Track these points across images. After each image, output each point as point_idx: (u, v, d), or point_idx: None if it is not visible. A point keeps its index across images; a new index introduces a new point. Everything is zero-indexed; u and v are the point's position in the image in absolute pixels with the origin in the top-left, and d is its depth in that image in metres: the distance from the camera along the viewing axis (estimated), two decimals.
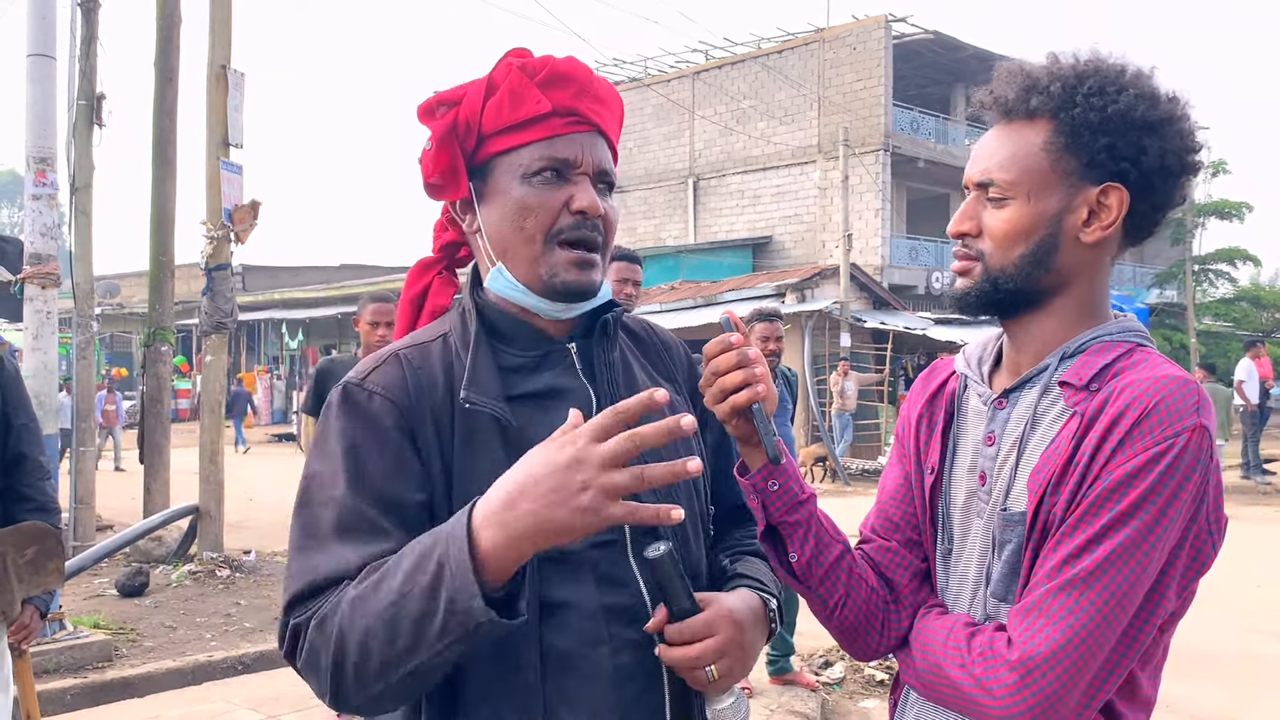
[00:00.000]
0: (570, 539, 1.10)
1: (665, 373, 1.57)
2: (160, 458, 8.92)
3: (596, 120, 1.41)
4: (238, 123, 8.43)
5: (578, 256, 1.37)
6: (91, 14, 9.27)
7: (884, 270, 26.09)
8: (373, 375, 1.36)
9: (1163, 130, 1.32)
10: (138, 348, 23.38)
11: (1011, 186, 1.34)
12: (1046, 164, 1.33)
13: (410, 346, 1.41)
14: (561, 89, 1.38)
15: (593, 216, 1.37)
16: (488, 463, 1.29)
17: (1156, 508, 1.19)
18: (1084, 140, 1.32)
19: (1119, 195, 1.32)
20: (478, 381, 1.34)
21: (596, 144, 1.40)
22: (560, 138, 1.37)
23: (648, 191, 31.15)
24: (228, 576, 7.94)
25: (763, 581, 1.46)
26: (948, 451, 1.46)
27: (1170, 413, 1.20)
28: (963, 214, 1.40)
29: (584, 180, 1.38)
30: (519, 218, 1.37)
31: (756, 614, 1.39)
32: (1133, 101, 1.31)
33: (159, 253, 8.83)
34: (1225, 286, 32.96)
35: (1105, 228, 1.33)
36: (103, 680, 5.57)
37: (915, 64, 28.85)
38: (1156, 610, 1.23)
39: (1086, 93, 1.32)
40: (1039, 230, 1.33)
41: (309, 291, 29.58)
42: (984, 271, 1.37)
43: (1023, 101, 1.35)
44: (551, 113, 1.37)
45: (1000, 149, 1.36)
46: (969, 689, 1.26)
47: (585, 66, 1.43)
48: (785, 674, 5.42)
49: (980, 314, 1.40)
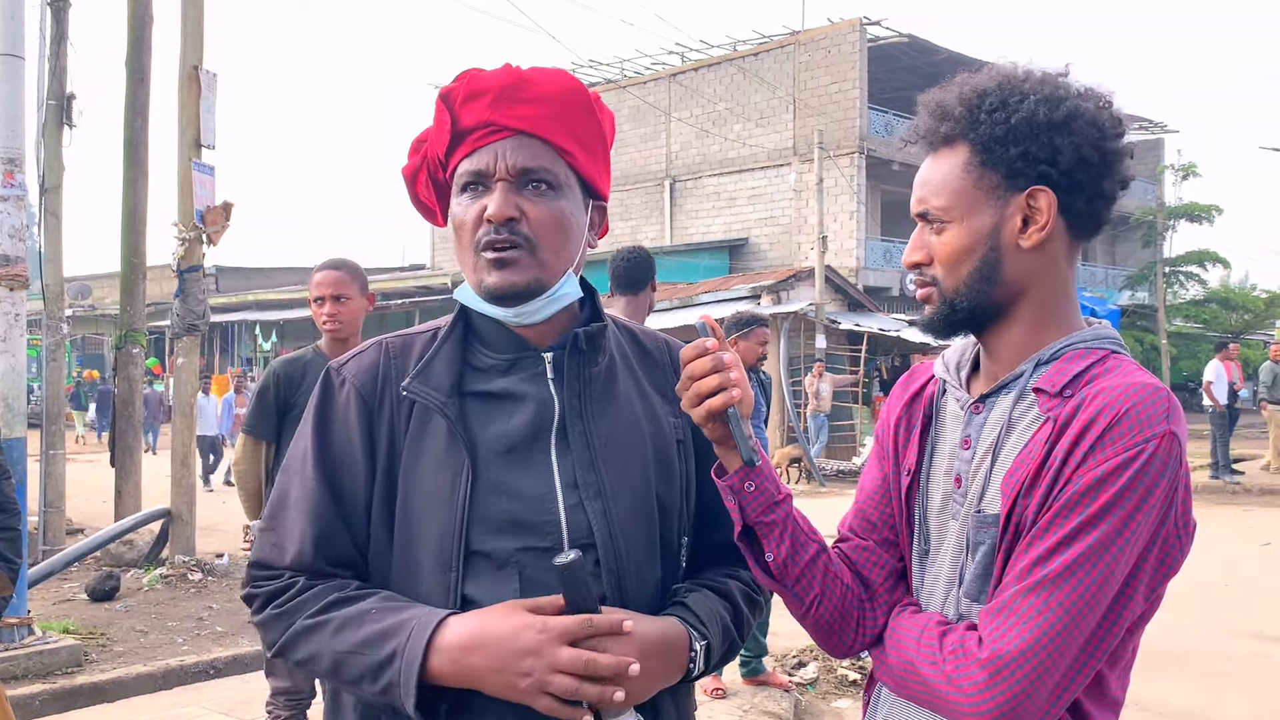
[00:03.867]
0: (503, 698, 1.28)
1: (666, 392, 1.54)
2: (131, 460, 8.85)
3: (521, 124, 1.43)
4: (210, 123, 8.36)
5: (491, 257, 1.41)
6: (61, 13, 9.18)
7: (859, 272, 26.23)
8: (350, 363, 1.49)
9: (1070, 126, 1.35)
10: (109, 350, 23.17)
11: (945, 211, 1.39)
12: (970, 184, 1.38)
13: (398, 336, 1.52)
14: (477, 103, 1.44)
15: (496, 222, 1.40)
16: (430, 453, 1.40)
17: (1125, 511, 1.22)
18: (997, 154, 1.36)
19: (1046, 196, 1.35)
20: (426, 374, 1.43)
21: (520, 146, 1.42)
22: (476, 151, 1.43)
23: (624, 193, 31.16)
24: (200, 580, 7.88)
25: (700, 619, 1.43)
26: (925, 454, 1.49)
27: (1141, 419, 1.23)
28: (913, 245, 1.45)
29: (500, 186, 1.42)
30: (458, 234, 1.46)
31: (670, 645, 1.38)
32: (1033, 107, 1.35)
33: (130, 254, 8.75)
34: (1195, 288, 33.39)
35: (1041, 229, 1.36)
36: (72, 685, 5.51)
37: (890, 67, 29.00)
38: (1125, 612, 1.26)
39: (988, 109, 1.37)
40: (979, 247, 1.38)
41: (283, 293, 29.40)
42: (940, 296, 1.41)
43: (937, 131, 1.41)
44: (467, 131, 1.43)
45: (931, 178, 1.42)
46: (940, 686, 1.28)
47: (514, 72, 1.46)
48: (758, 675, 5.43)
49: (950, 335, 1.45)
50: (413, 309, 23.32)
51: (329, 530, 1.41)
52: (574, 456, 1.41)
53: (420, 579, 1.37)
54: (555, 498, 1.39)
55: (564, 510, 1.39)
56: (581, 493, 1.40)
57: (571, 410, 1.43)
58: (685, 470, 1.52)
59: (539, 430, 1.42)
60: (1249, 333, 32.84)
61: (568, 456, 1.41)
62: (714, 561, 1.54)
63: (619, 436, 1.45)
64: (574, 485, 1.40)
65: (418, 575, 1.38)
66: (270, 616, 1.39)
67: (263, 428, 3.94)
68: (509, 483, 1.38)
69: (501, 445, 1.40)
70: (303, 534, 1.40)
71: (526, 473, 1.39)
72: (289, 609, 1.38)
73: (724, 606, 1.49)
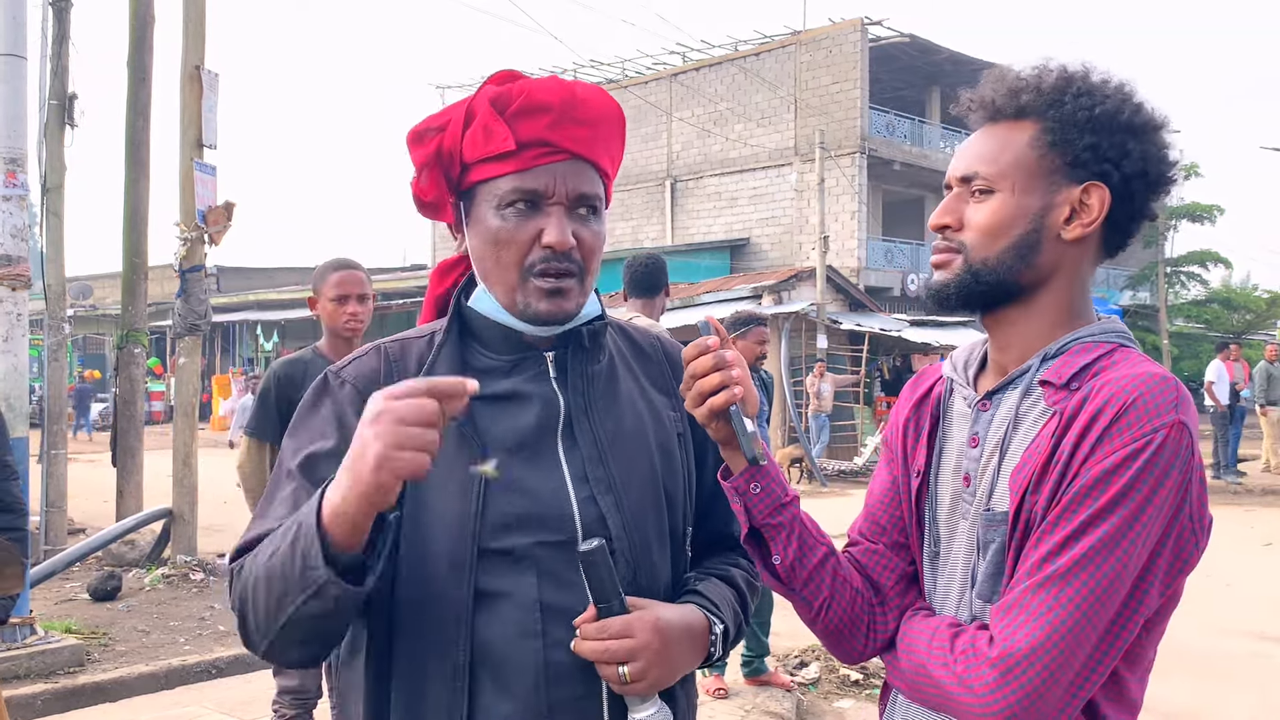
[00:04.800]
0: (383, 494, 1.16)
1: (663, 387, 1.56)
2: (133, 460, 8.84)
3: (575, 147, 1.41)
4: (212, 123, 8.36)
5: (548, 286, 1.39)
6: (63, 13, 9.18)
7: (860, 272, 26.22)
8: (350, 366, 1.47)
9: (1145, 135, 1.34)
10: (111, 350, 23.15)
11: (996, 179, 1.36)
12: (1032, 159, 1.35)
13: (395, 340, 1.50)
14: (536, 119, 1.39)
15: (560, 250, 1.38)
16: (441, 457, 1.32)
17: (1136, 503, 1.19)
18: (1070, 138, 1.34)
19: (1101, 194, 1.34)
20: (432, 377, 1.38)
21: (575, 171, 1.41)
22: (531, 170, 1.39)
23: (625, 193, 31.15)
24: (201, 580, 7.88)
25: (715, 604, 1.46)
26: (934, 455, 1.47)
27: (1149, 409, 1.21)
28: (944, 208, 1.41)
29: (556, 210, 1.39)
30: (494, 249, 1.41)
31: (692, 630, 1.40)
32: (1119, 104, 1.34)
33: (132, 254, 8.74)
34: (1197, 288, 33.34)
35: (1087, 225, 1.35)
36: (74, 685, 5.51)
37: (891, 67, 28.99)
38: (1140, 607, 1.23)
39: (1075, 93, 1.35)
40: (1022, 224, 1.35)
41: (284, 293, 29.36)
42: (965, 264, 1.37)
43: (1011, 101, 1.38)
44: (521, 147, 1.38)
45: (986, 146, 1.39)
46: (952, 688, 1.26)
47: (567, 89, 1.43)
48: (760, 675, 5.43)
49: (959, 307, 1.40)
50: (414, 309, 23.28)
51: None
52: (583, 453, 1.42)
53: (433, 574, 1.36)
54: (567, 493, 1.39)
55: (577, 504, 1.39)
56: (593, 487, 1.40)
57: (577, 408, 1.44)
58: (686, 462, 1.53)
59: (545, 429, 1.42)
60: (1250, 333, 32.80)
61: (576, 453, 1.42)
62: (711, 550, 1.57)
63: (625, 432, 1.46)
64: (584, 480, 1.41)
65: (430, 571, 1.37)
66: (235, 582, 1.33)
67: (265, 429, 3.94)
68: (520, 480, 1.37)
69: (510, 444, 1.39)
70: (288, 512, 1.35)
71: (537, 470, 1.39)
72: (246, 564, 1.32)
73: (731, 592, 1.51)
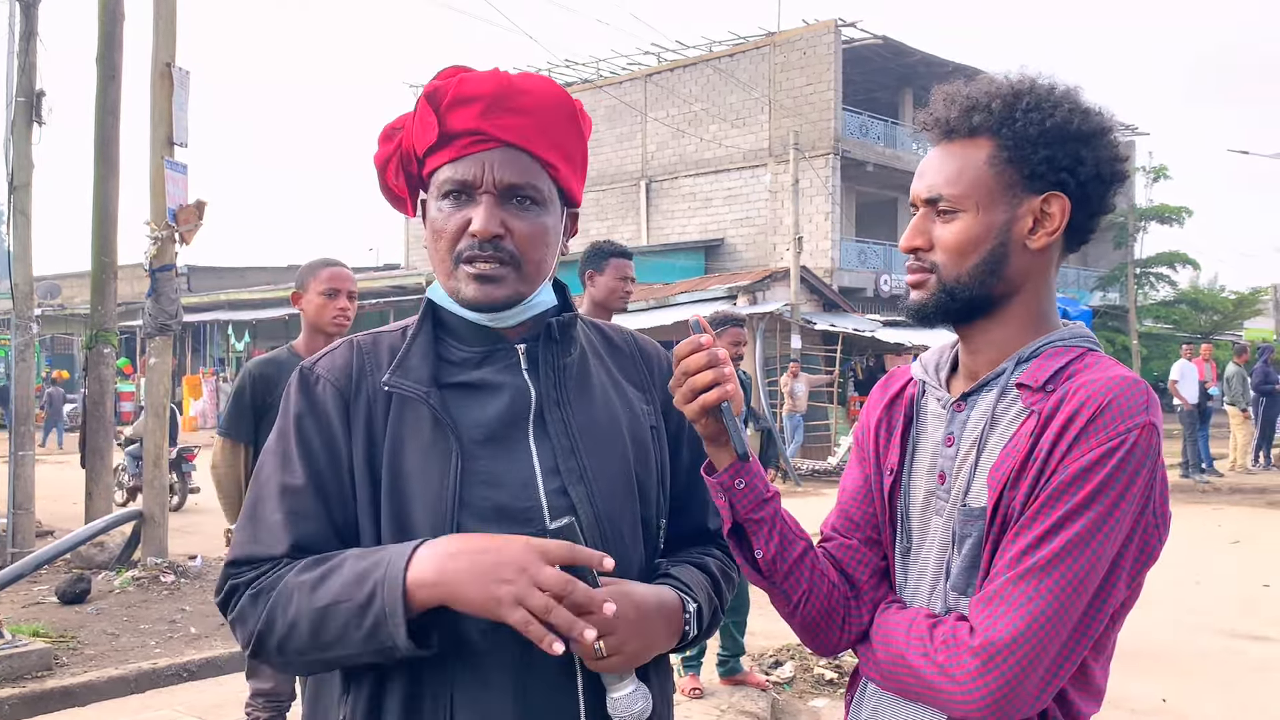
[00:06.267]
0: (472, 612, 1.27)
1: (637, 381, 1.59)
2: (102, 461, 8.75)
3: (507, 135, 1.42)
4: (182, 121, 8.29)
5: (475, 271, 1.42)
6: (31, 9, 9.07)
7: (834, 273, 26.33)
8: (323, 361, 1.49)
9: (1095, 141, 1.39)
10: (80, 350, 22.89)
11: (960, 200, 1.40)
12: (991, 177, 1.39)
13: (367, 335, 1.53)
14: (468, 109, 1.42)
15: (482, 238, 1.40)
16: (416, 444, 1.40)
17: (1110, 499, 1.25)
18: (1025, 153, 1.38)
19: (1061, 203, 1.38)
20: (405, 367, 1.43)
21: (507, 160, 1.42)
22: (462, 159, 1.42)
23: (600, 193, 31.16)
24: (172, 582, 7.80)
25: (688, 585, 1.48)
26: (907, 453, 1.51)
27: (1123, 410, 1.27)
28: (913, 230, 1.45)
29: (486, 199, 1.41)
30: (434, 239, 1.46)
31: (666, 609, 1.41)
32: (1068, 115, 1.38)
33: (101, 253, 8.65)
34: (1166, 289, 33.70)
35: (1051, 233, 1.39)
36: (42, 689, 5.44)
37: (864, 69, 29.14)
38: (1109, 599, 1.29)
39: (1025, 108, 1.39)
40: (989, 240, 1.39)
41: (255, 292, 29.15)
42: (939, 282, 1.42)
43: (964, 120, 1.42)
44: (453, 135, 1.42)
45: (946, 166, 1.42)
46: (932, 676, 1.30)
47: (502, 80, 1.44)
48: (735, 674, 5.43)
49: (938, 324, 1.45)
50: (387, 309, 23.18)
51: (311, 521, 1.39)
52: (554, 443, 1.43)
53: None
54: (536, 484, 1.41)
55: (544, 495, 1.41)
56: (564, 478, 1.42)
57: (549, 399, 1.45)
58: (660, 455, 1.55)
59: (515, 419, 1.44)
60: (1218, 333, 33.21)
61: (546, 444, 1.43)
62: (688, 544, 1.60)
63: (597, 423, 1.48)
64: (555, 471, 1.42)
65: None
66: (247, 600, 1.35)
67: (240, 429, 3.90)
68: (491, 471, 1.40)
69: (480, 434, 1.41)
70: (284, 526, 1.38)
71: (506, 460, 1.41)
72: (266, 586, 1.35)
73: (704, 577, 1.53)
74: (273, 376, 3.81)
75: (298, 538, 1.38)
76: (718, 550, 1.59)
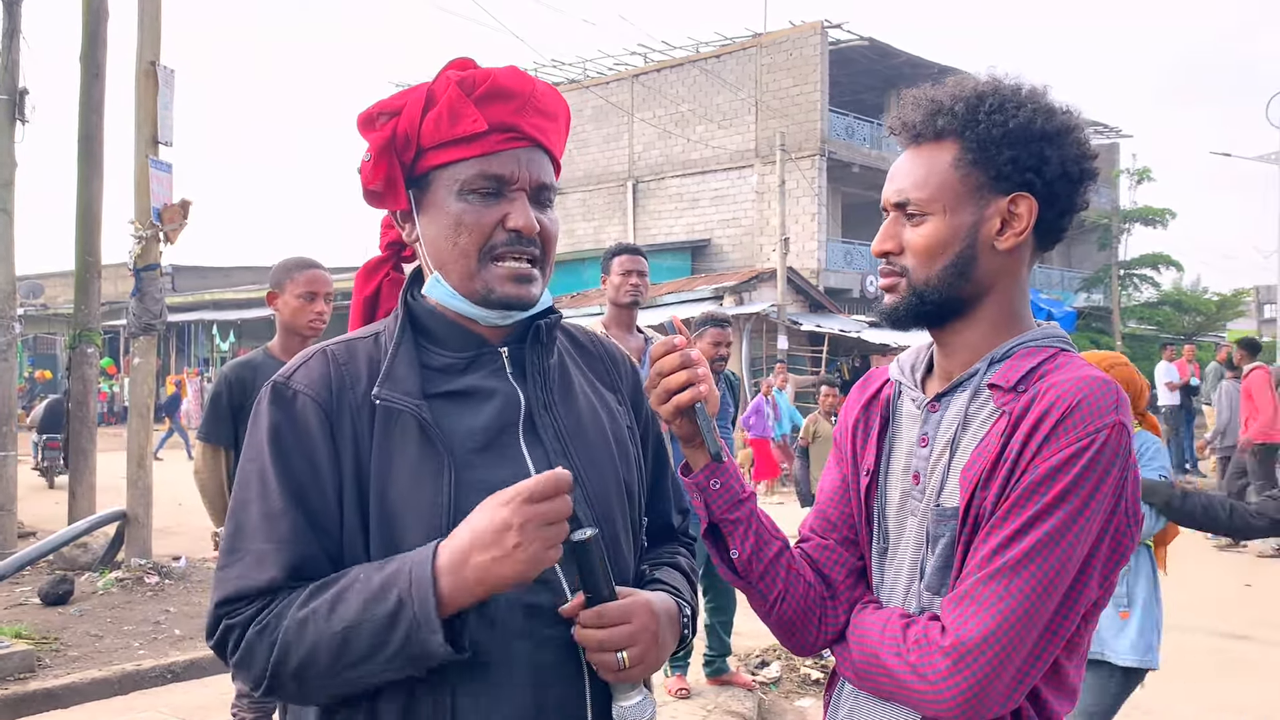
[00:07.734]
0: (516, 586, 1.25)
1: (608, 382, 1.59)
2: (86, 462, 8.71)
3: (537, 135, 1.42)
4: (167, 120, 8.25)
5: (514, 270, 1.40)
6: (14, 7, 9.00)
7: (820, 274, 26.37)
8: (298, 373, 1.40)
9: (1061, 140, 1.40)
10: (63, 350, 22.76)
11: (927, 204, 1.41)
12: (957, 180, 1.40)
13: (339, 343, 1.46)
14: (501, 104, 1.39)
15: (527, 235, 1.39)
16: (404, 458, 1.34)
17: (1080, 499, 1.26)
18: (989, 155, 1.39)
19: (1028, 203, 1.39)
20: (393, 379, 1.38)
21: (535, 159, 1.42)
22: (497, 154, 1.39)
23: (587, 194, 31.13)
24: (156, 583, 7.76)
25: (678, 589, 1.50)
26: (883, 454, 1.52)
27: (1092, 410, 1.28)
28: (884, 234, 1.46)
29: (520, 197, 1.40)
30: (454, 233, 1.39)
31: (670, 614, 1.42)
32: (1031, 115, 1.39)
33: (85, 252, 8.61)
34: (1149, 291, 33.85)
35: (1018, 234, 1.40)
36: (25, 691, 5.41)
37: (850, 70, 29.19)
38: (1080, 598, 1.30)
39: (988, 110, 1.39)
40: (957, 243, 1.40)
41: (240, 292, 29.06)
42: (909, 286, 1.43)
43: (930, 124, 1.43)
44: (488, 130, 1.38)
45: (913, 170, 1.43)
46: (904, 676, 1.32)
47: (529, 79, 1.43)
48: (722, 674, 5.45)
49: (910, 327, 1.46)
50: None
51: (301, 549, 1.31)
52: (546, 447, 1.42)
53: None
54: None
55: None
56: None
57: (537, 403, 1.44)
58: (638, 455, 1.56)
59: (506, 424, 1.42)
60: (1201, 334, 33.38)
61: (538, 448, 1.42)
62: (655, 540, 1.61)
63: (584, 425, 1.48)
64: None
65: None
66: (253, 637, 1.28)
67: (219, 434, 3.90)
68: (486, 479, 1.35)
69: (474, 443, 1.38)
70: (274, 558, 1.31)
71: (501, 468, 1.38)
72: (271, 620, 1.28)
73: (683, 578, 1.55)
74: (249, 380, 3.80)
75: (290, 563, 1.31)
76: (681, 547, 1.63)
